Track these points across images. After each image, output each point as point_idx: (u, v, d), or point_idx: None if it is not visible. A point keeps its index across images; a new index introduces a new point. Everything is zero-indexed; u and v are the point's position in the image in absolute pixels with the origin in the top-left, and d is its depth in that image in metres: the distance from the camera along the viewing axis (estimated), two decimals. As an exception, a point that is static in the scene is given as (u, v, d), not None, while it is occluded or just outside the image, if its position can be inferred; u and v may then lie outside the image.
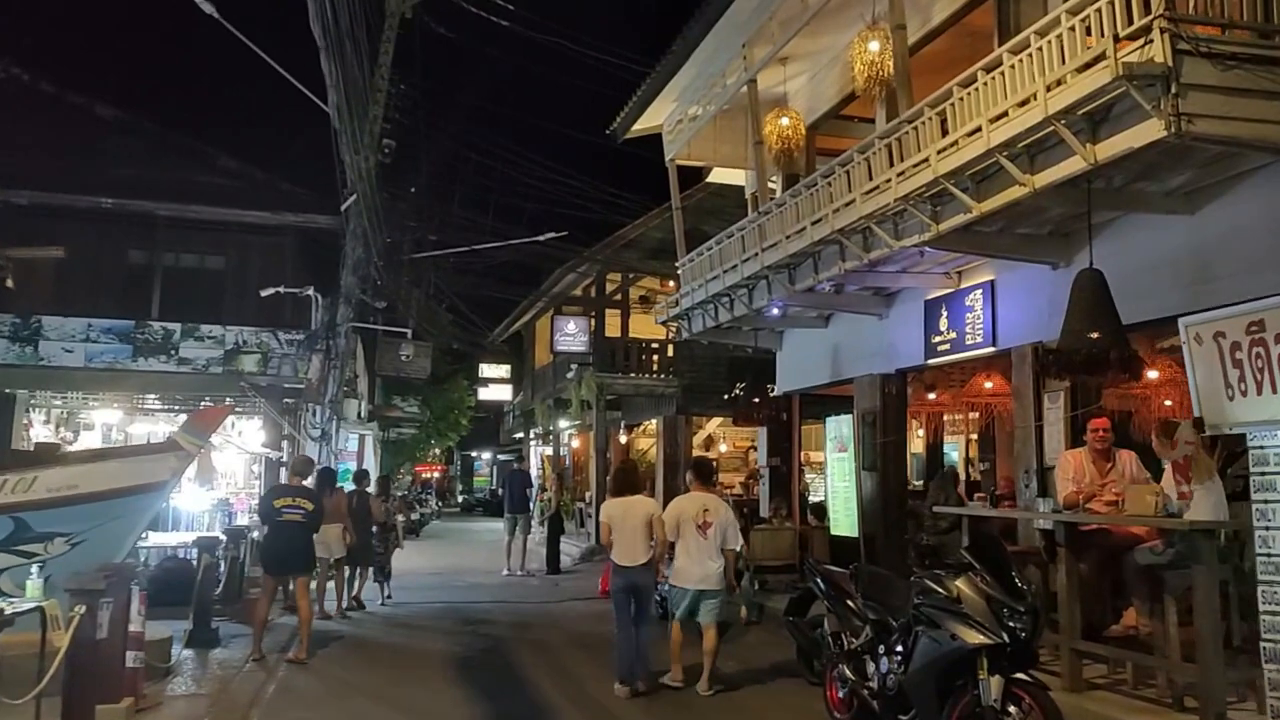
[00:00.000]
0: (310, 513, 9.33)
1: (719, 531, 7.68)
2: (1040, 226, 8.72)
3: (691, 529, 7.67)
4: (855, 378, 12.12)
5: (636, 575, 7.66)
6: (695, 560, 7.65)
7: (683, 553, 7.69)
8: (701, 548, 7.65)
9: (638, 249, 20.19)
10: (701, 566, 7.65)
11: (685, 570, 7.71)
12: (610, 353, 20.46)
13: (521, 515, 17.19)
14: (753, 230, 11.53)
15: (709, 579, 7.68)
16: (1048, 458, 8.65)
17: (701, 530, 7.64)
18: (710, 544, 7.65)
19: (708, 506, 7.76)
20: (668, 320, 14.81)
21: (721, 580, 7.72)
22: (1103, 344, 6.71)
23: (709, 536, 7.64)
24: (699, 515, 7.70)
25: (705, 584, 7.69)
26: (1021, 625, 5.13)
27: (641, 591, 7.69)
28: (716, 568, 7.68)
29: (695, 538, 7.65)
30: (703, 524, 7.66)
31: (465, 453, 51.53)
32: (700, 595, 7.70)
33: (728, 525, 7.76)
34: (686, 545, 7.67)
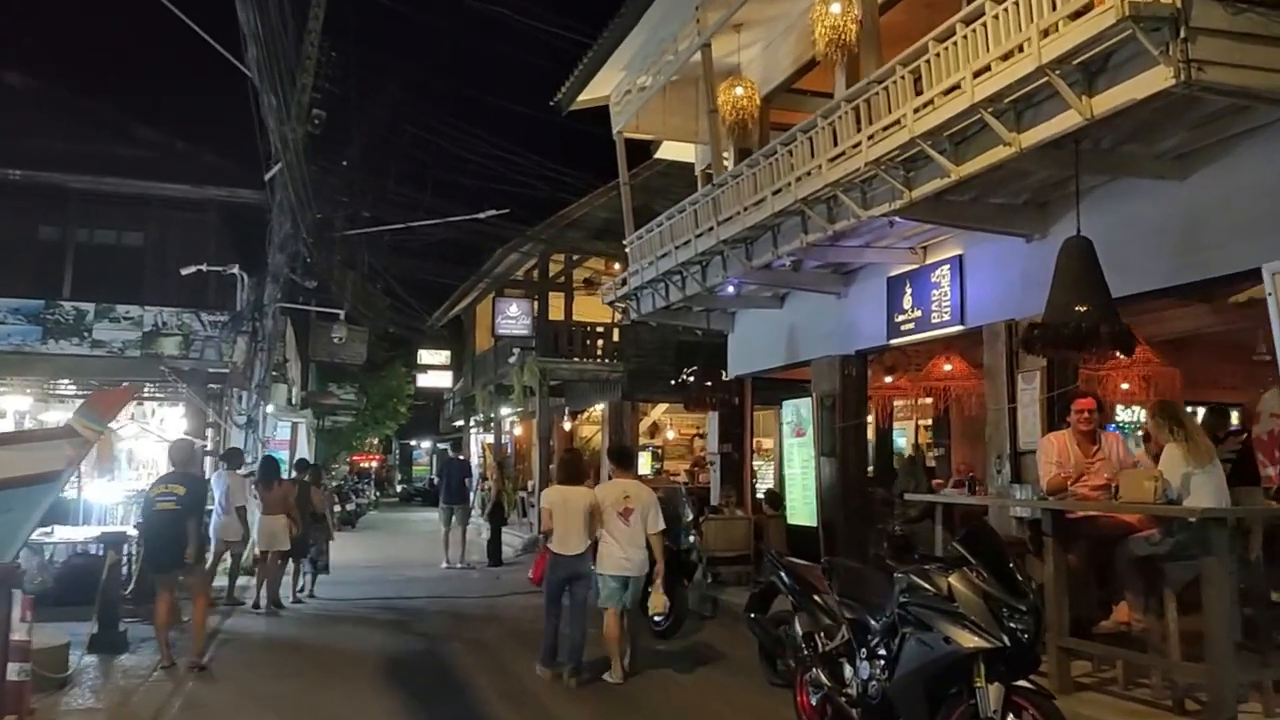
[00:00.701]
0: (183, 498, 8.20)
1: (641, 518, 7.67)
2: (1015, 196, 8.21)
3: (613, 516, 7.65)
4: (813, 360, 11.57)
5: (574, 564, 7.67)
6: (617, 547, 7.65)
7: (605, 540, 7.68)
8: (624, 534, 7.63)
9: (582, 229, 19.48)
10: (624, 552, 7.65)
11: (609, 557, 7.69)
12: (554, 336, 19.73)
13: (459, 506, 16.42)
14: (707, 203, 10.90)
15: (631, 565, 7.66)
16: (1021, 442, 8.16)
17: (623, 517, 7.64)
18: (633, 530, 7.64)
19: (628, 493, 7.74)
20: (615, 301, 14.15)
21: (644, 567, 7.73)
22: (1092, 318, 6.20)
23: (631, 523, 7.64)
24: (620, 502, 7.68)
25: (626, 570, 7.66)
26: (1023, 626, 4.57)
27: (577, 581, 7.71)
28: (639, 554, 7.68)
29: (617, 524, 7.64)
30: (624, 511, 7.65)
31: (404, 441, 50.38)
32: (623, 581, 7.68)
33: (649, 510, 7.74)
34: (609, 532, 7.66)
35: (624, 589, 7.70)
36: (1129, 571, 6.03)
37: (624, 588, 7.70)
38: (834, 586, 5.97)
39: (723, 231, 10.11)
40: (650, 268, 12.30)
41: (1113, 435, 6.94)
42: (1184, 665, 5.57)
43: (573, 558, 7.66)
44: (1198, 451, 5.72)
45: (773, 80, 12.64)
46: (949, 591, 4.87)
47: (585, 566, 7.72)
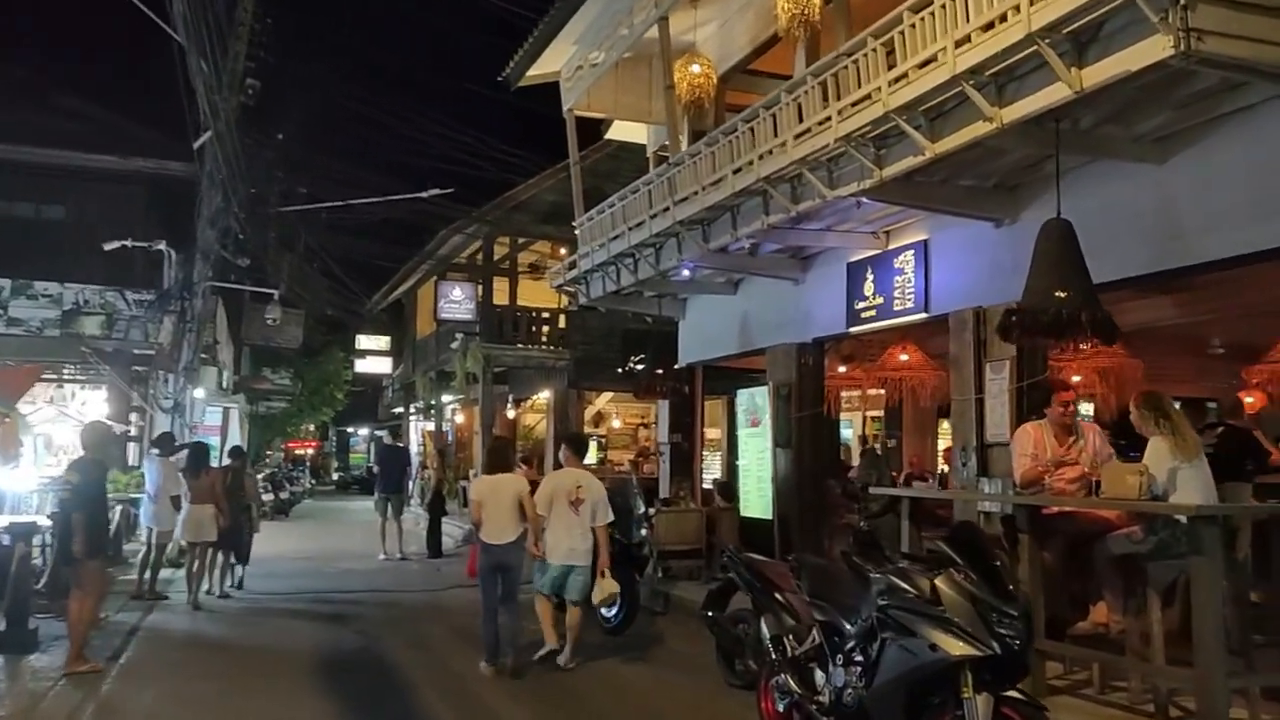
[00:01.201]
0: (77, 486, 7.54)
1: (590, 508, 7.66)
2: (985, 178, 7.91)
3: (564, 505, 7.62)
4: (768, 348, 11.22)
5: (505, 554, 7.56)
6: (565, 535, 7.62)
7: (554, 528, 7.64)
8: (572, 524, 7.62)
9: (529, 212, 18.94)
10: (571, 542, 7.63)
11: (555, 545, 7.65)
12: (498, 322, 19.19)
13: (394, 495, 15.84)
14: (662, 183, 10.48)
15: (576, 554, 7.64)
16: (989, 433, 7.88)
17: (574, 506, 7.61)
18: (581, 520, 7.63)
19: (581, 483, 7.74)
20: (563, 285, 13.68)
21: (589, 556, 7.71)
22: (1072, 304, 5.90)
23: (580, 513, 7.62)
24: (572, 491, 7.66)
25: (573, 559, 7.64)
26: (1013, 633, 4.24)
27: (509, 570, 7.61)
28: (585, 544, 7.67)
29: (567, 513, 7.61)
30: (575, 500, 7.63)
31: (341, 428, 49.31)
32: (568, 570, 7.65)
33: (599, 502, 7.74)
34: (558, 521, 7.62)
35: (566, 578, 7.65)
36: (1108, 570, 5.76)
37: (566, 577, 7.65)
38: (803, 586, 5.60)
39: (679, 212, 9.70)
40: (601, 250, 11.85)
41: (1090, 426, 6.67)
42: (1170, 670, 5.30)
43: (504, 546, 7.54)
44: (1184, 445, 5.45)
45: (729, 59, 12.26)
46: (933, 594, 4.53)
47: (517, 556, 7.63)
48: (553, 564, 7.67)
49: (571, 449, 8.23)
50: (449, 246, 20.13)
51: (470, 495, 8.01)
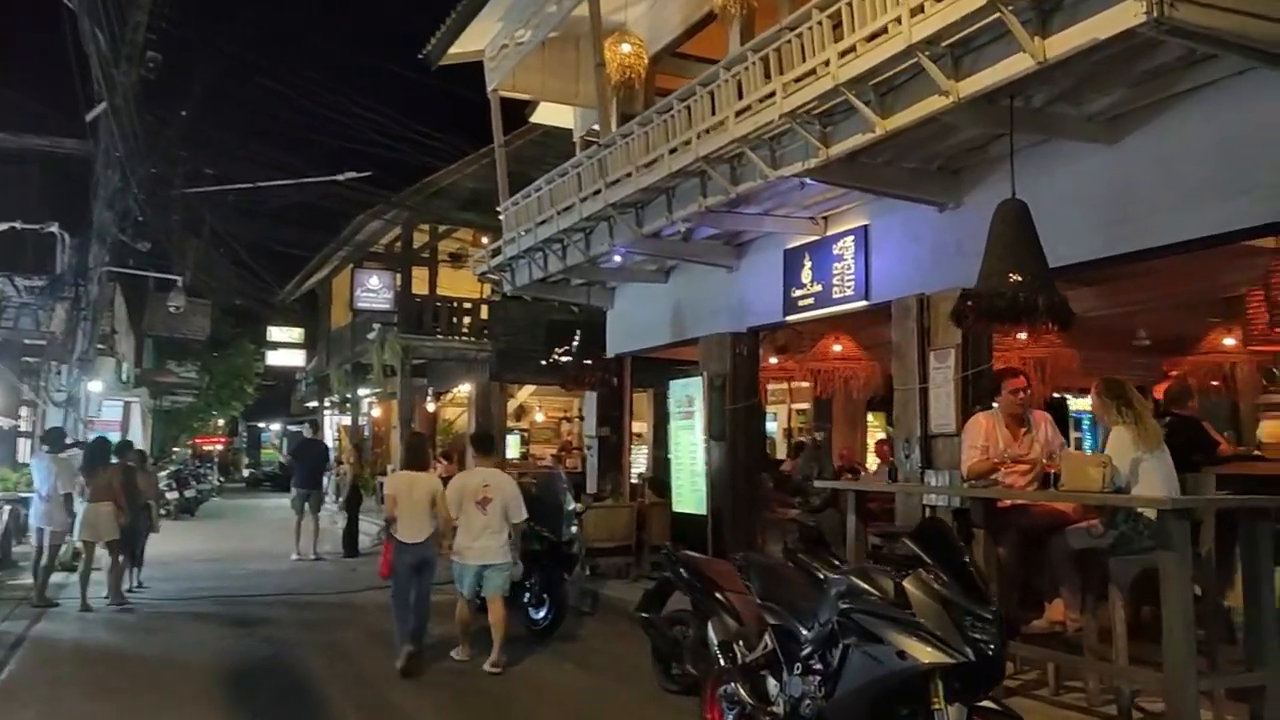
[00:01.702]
0: None
1: (500, 507, 7.52)
2: (929, 161, 7.66)
3: (472, 505, 7.48)
4: (702, 337, 10.87)
5: (419, 551, 7.46)
6: (476, 536, 7.49)
7: (464, 529, 7.51)
8: (482, 523, 7.48)
9: (450, 198, 18.31)
10: (482, 542, 7.51)
11: (466, 547, 7.53)
12: (418, 312, 18.52)
13: (313, 491, 15.13)
14: (592, 165, 10.04)
15: (489, 553, 7.51)
16: (933, 424, 7.63)
17: (481, 506, 7.48)
18: (491, 519, 7.50)
19: (488, 482, 7.60)
20: (487, 272, 13.15)
21: (504, 554, 7.60)
22: (1029, 288, 5.64)
23: (489, 512, 7.48)
24: (478, 491, 7.51)
25: (486, 558, 7.52)
26: (988, 638, 3.92)
27: (423, 567, 7.50)
28: (498, 542, 7.55)
29: (476, 514, 7.48)
30: (483, 500, 7.49)
31: (251, 423, 47.77)
32: (483, 570, 7.53)
33: (510, 500, 7.59)
34: (467, 521, 7.49)
35: (478, 578, 7.55)
36: (1065, 566, 5.52)
37: (478, 577, 7.55)
38: (753, 587, 5.23)
39: (611, 194, 9.27)
40: (528, 235, 11.36)
41: (1041, 415, 6.43)
42: (1135, 671, 5.06)
43: (418, 544, 7.44)
44: (1147, 435, 5.22)
45: (660, 40, 11.89)
46: (899, 596, 4.19)
47: (431, 553, 7.53)
48: (467, 565, 7.56)
49: (479, 448, 8.13)
50: (367, 233, 19.37)
51: (385, 491, 7.90)
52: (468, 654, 7.59)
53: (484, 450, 8.15)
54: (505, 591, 7.64)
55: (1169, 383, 7.76)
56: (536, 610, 8.88)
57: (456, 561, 7.59)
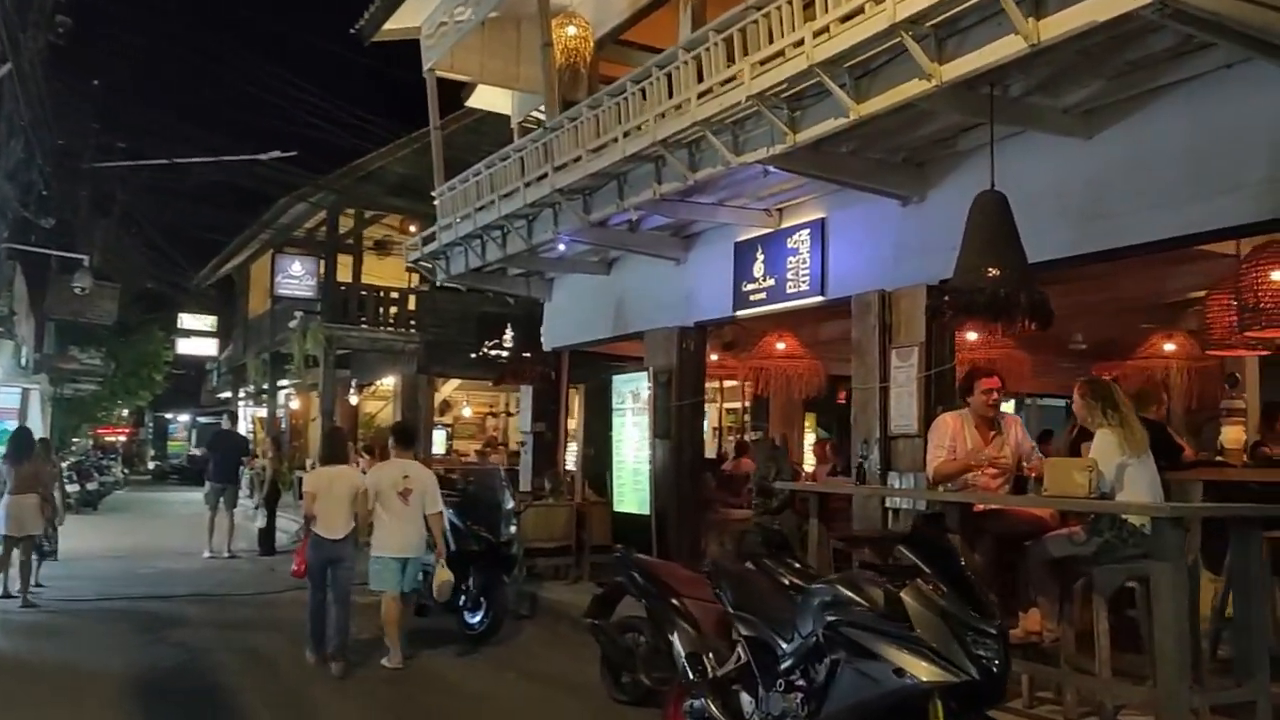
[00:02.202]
0: None
1: (420, 498, 7.43)
2: (893, 153, 7.43)
3: (392, 497, 7.35)
4: (647, 331, 10.52)
5: (337, 548, 7.31)
6: (397, 528, 7.38)
7: (383, 522, 7.38)
8: (403, 515, 7.38)
9: (378, 183, 17.65)
10: (403, 533, 7.40)
11: (386, 540, 7.39)
12: (343, 301, 17.81)
13: (230, 486, 14.39)
14: (536, 150, 9.61)
15: (410, 546, 7.43)
16: (894, 424, 7.39)
17: (402, 498, 7.35)
18: (411, 511, 7.40)
19: (407, 473, 7.50)
20: (419, 260, 12.59)
21: (423, 547, 7.54)
22: (1009, 283, 5.42)
23: (410, 504, 7.38)
24: (398, 483, 7.38)
25: (407, 551, 7.43)
26: (992, 654, 3.65)
27: (341, 565, 7.34)
28: (419, 535, 7.48)
29: (396, 505, 7.36)
30: (403, 492, 7.36)
31: (159, 414, 45.96)
32: (404, 562, 7.44)
33: (429, 490, 7.53)
34: (387, 514, 7.36)
35: (401, 571, 7.41)
36: (1043, 574, 5.28)
37: (402, 570, 7.41)
38: (725, 596, 4.89)
39: (559, 179, 8.85)
40: (466, 221, 10.87)
41: (1012, 419, 6.22)
42: (1119, 685, 4.85)
43: (337, 541, 7.30)
44: (1134, 439, 5.01)
45: (606, 24, 11.47)
46: (889, 607, 3.90)
47: (349, 549, 7.41)
48: (388, 558, 7.38)
49: (398, 440, 7.99)
50: (290, 216, 18.59)
51: (304, 487, 7.77)
52: (400, 660, 7.29)
53: (404, 443, 7.98)
54: (414, 587, 7.63)
55: (1135, 386, 7.62)
56: (473, 614, 8.44)
57: (377, 556, 7.40)
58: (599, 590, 6.84)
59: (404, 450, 7.89)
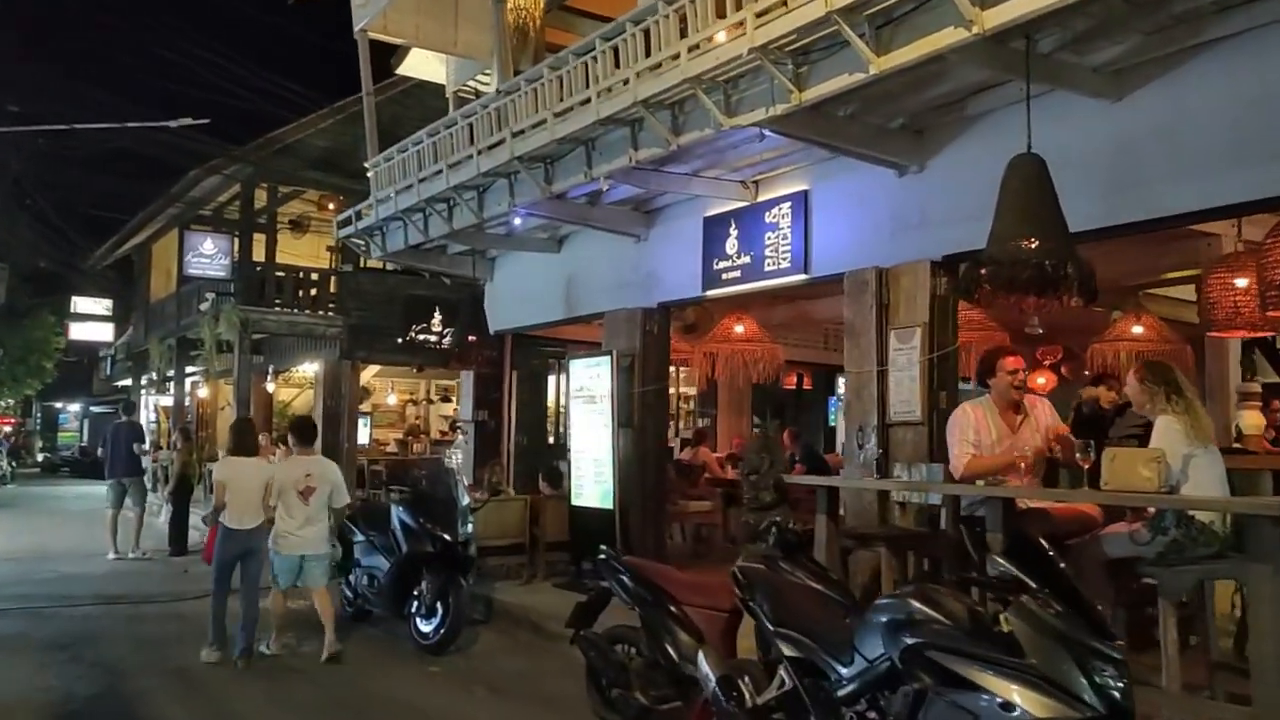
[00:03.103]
0: None
1: (323, 496, 7.34)
2: (889, 118, 6.88)
3: (293, 495, 7.24)
4: (606, 313, 9.85)
5: (248, 540, 7.29)
6: (296, 526, 7.26)
7: (283, 519, 7.27)
8: (303, 513, 7.27)
9: (297, 156, 16.53)
10: (302, 532, 7.28)
11: (286, 537, 7.28)
12: (259, 282, 16.66)
13: (135, 480, 13.27)
14: (487, 116, 8.83)
15: (309, 542, 7.31)
16: (893, 411, 6.86)
17: (303, 496, 7.25)
18: (313, 508, 7.30)
19: (310, 471, 7.38)
20: (352, 236, 11.67)
21: (325, 543, 7.44)
22: (1055, 255, 4.90)
23: (311, 502, 7.28)
24: (300, 481, 7.27)
25: (305, 548, 7.30)
26: (1118, 683, 3.11)
27: (251, 557, 7.31)
28: (319, 531, 7.37)
29: (297, 503, 7.25)
30: (305, 490, 7.26)
31: (48, 404, 43.47)
32: (304, 560, 7.31)
33: (335, 486, 7.45)
34: (287, 511, 7.26)
35: (299, 569, 7.31)
36: (1097, 576, 4.78)
37: (299, 567, 7.31)
38: (759, 609, 4.27)
39: (519, 145, 8.10)
40: (407, 194, 10.02)
41: (1037, 400, 5.73)
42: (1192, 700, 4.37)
43: (247, 532, 7.26)
44: (1200, 427, 4.56)
45: (552, -15, 10.75)
46: (974, 624, 3.35)
47: (260, 542, 7.34)
48: (286, 555, 7.28)
49: (299, 436, 7.74)
50: (202, 190, 17.30)
51: (214, 476, 7.63)
52: (279, 646, 7.36)
53: (305, 438, 7.72)
54: (325, 581, 7.44)
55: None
56: (426, 621, 7.69)
57: (274, 552, 7.34)
58: (583, 597, 6.16)
59: (305, 447, 7.65)
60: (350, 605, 8.84)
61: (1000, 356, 5.56)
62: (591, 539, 9.23)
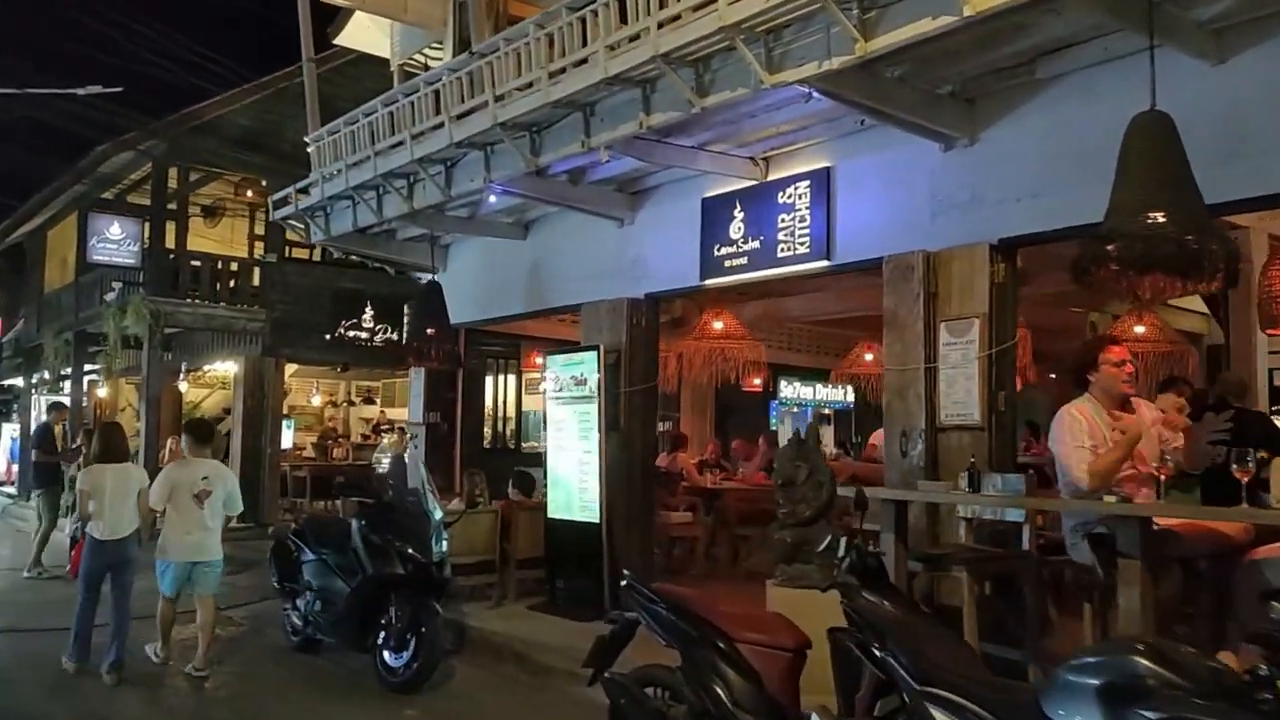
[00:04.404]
0: None
1: (219, 500, 7.03)
2: (938, 83, 6.12)
3: (187, 499, 6.90)
4: (585, 305, 8.89)
5: (120, 550, 6.97)
6: (189, 531, 6.92)
7: (174, 524, 6.93)
8: (196, 518, 6.95)
9: (216, 135, 15.14)
10: (195, 537, 6.94)
11: (176, 543, 6.93)
12: (172, 271, 15.19)
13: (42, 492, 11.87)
14: (456, 81, 7.81)
15: (202, 549, 6.99)
16: (944, 413, 6.08)
17: (198, 499, 6.92)
18: (207, 513, 6.98)
19: (207, 474, 7.08)
20: (289, 217, 10.48)
21: (219, 549, 7.11)
22: (1191, 229, 4.16)
23: (206, 506, 6.96)
24: (196, 484, 6.94)
25: (199, 555, 6.98)
26: None
27: (123, 567, 6.99)
28: (213, 536, 7.06)
29: (191, 507, 6.92)
30: (200, 493, 6.93)
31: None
32: (194, 567, 6.97)
33: (231, 493, 7.16)
34: (179, 516, 6.91)
35: (187, 576, 6.95)
36: (1251, 606, 4.05)
37: (188, 575, 6.95)
38: (898, 662, 3.40)
39: (504, 111, 7.10)
40: (361, 168, 8.90)
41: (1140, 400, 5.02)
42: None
43: (118, 542, 6.94)
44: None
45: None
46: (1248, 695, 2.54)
47: (132, 551, 7.03)
48: (174, 562, 6.88)
49: (195, 437, 7.34)
50: (112, 166, 15.72)
51: (80, 486, 7.22)
52: (165, 653, 7.04)
53: (200, 440, 7.33)
54: (216, 590, 7.14)
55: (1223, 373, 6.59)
56: (396, 655, 6.65)
57: (161, 559, 6.96)
58: (604, 632, 5.22)
59: (200, 448, 7.25)
60: (296, 634, 7.76)
61: (1102, 347, 4.85)
62: (571, 556, 8.32)
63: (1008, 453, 5.93)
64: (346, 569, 7.14)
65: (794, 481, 5.91)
